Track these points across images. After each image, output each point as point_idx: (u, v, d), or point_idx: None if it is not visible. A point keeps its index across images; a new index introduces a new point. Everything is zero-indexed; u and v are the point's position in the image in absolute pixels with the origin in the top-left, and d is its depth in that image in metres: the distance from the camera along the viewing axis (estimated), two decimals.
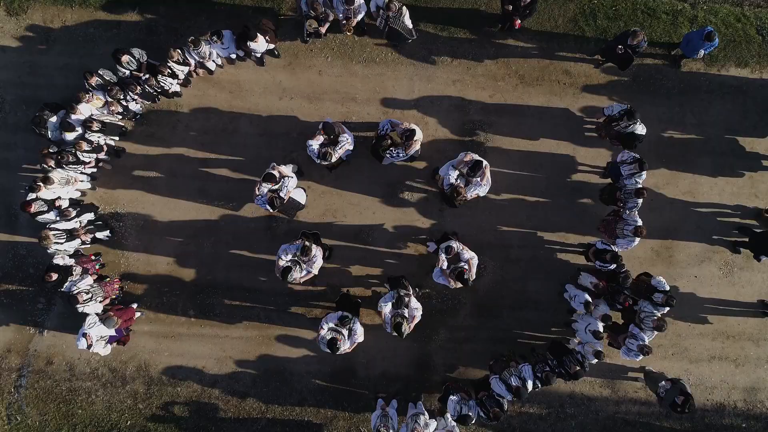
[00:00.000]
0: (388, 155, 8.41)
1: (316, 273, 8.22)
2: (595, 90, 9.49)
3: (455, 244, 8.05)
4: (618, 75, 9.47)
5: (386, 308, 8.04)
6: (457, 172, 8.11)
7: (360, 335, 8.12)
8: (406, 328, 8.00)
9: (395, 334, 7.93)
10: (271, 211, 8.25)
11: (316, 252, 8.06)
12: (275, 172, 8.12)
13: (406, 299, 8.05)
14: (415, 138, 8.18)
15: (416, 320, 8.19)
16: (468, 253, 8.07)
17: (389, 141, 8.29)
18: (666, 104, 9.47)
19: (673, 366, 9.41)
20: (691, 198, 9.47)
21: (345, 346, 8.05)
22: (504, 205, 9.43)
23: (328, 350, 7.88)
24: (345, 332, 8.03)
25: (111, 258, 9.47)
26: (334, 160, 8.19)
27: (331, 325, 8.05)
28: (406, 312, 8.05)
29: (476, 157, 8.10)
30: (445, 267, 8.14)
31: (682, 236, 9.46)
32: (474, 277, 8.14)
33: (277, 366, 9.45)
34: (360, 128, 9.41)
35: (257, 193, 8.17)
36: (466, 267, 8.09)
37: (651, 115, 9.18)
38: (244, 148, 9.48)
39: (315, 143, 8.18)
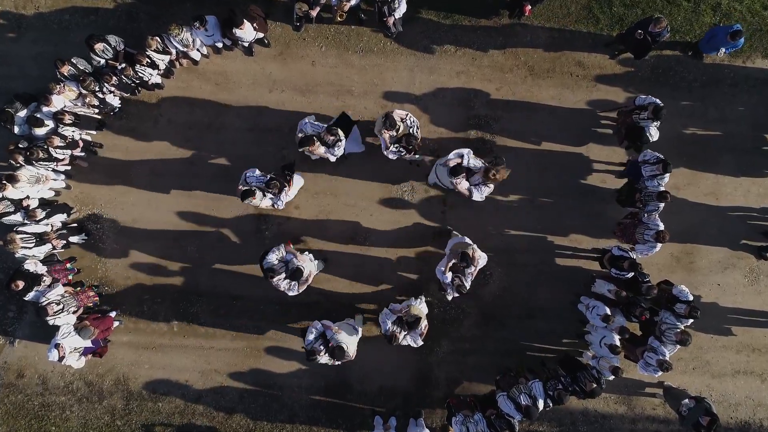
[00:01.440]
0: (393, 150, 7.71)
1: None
2: (610, 82, 8.80)
3: (469, 241, 7.39)
4: (635, 66, 8.78)
5: (389, 321, 7.45)
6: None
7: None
8: (409, 340, 7.40)
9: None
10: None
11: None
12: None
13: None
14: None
15: (424, 330, 7.52)
16: (478, 253, 7.36)
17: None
18: (687, 98, 8.78)
19: (694, 381, 8.73)
20: (714, 200, 8.79)
21: (324, 360, 7.46)
22: (511, 206, 8.74)
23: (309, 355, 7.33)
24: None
25: (87, 263, 8.78)
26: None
27: (319, 329, 7.43)
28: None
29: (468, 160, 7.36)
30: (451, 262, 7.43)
31: (704, 241, 8.78)
32: (469, 284, 7.40)
33: (266, 380, 8.79)
34: (357, 123, 8.71)
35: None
36: (470, 271, 7.38)
37: (671, 109, 8.43)
38: (232, 145, 8.80)
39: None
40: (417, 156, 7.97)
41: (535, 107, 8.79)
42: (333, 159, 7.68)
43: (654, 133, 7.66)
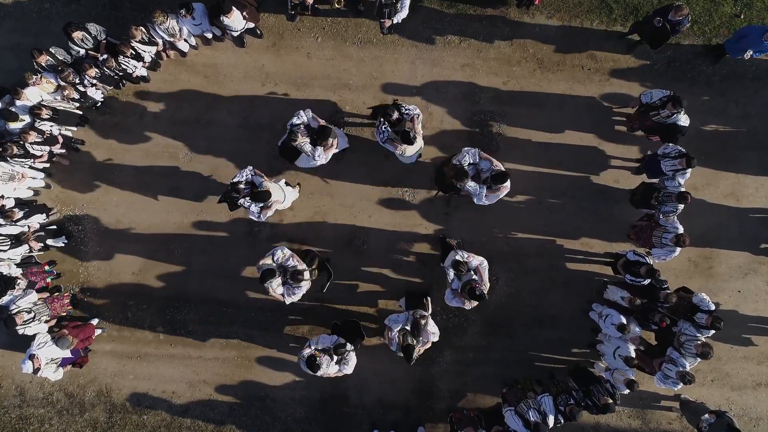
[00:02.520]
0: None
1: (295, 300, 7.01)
2: (624, 76, 8.28)
3: (461, 256, 6.82)
4: (650, 59, 8.27)
5: (395, 328, 6.83)
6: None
7: (350, 367, 6.93)
8: (417, 353, 6.80)
9: (402, 355, 6.73)
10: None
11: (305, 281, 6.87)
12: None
13: (423, 323, 6.83)
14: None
15: (428, 345, 7.00)
16: (476, 260, 6.83)
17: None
18: (706, 93, 8.27)
19: (712, 394, 8.22)
20: (734, 201, 8.27)
21: (329, 370, 6.85)
22: (519, 207, 8.22)
23: (308, 370, 6.71)
24: (334, 358, 6.84)
25: (68, 267, 8.27)
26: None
27: (321, 347, 6.86)
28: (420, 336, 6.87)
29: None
30: (456, 287, 6.92)
31: (724, 245, 8.27)
32: (488, 286, 6.88)
33: (257, 391, 8.28)
34: (355, 120, 8.23)
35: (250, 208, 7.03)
36: (477, 279, 6.86)
37: (688, 105, 7.88)
38: (222, 141, 8.29)
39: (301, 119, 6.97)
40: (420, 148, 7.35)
41: (544, 102, 8.27)
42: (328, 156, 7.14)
43: (685, 120, 7.11)
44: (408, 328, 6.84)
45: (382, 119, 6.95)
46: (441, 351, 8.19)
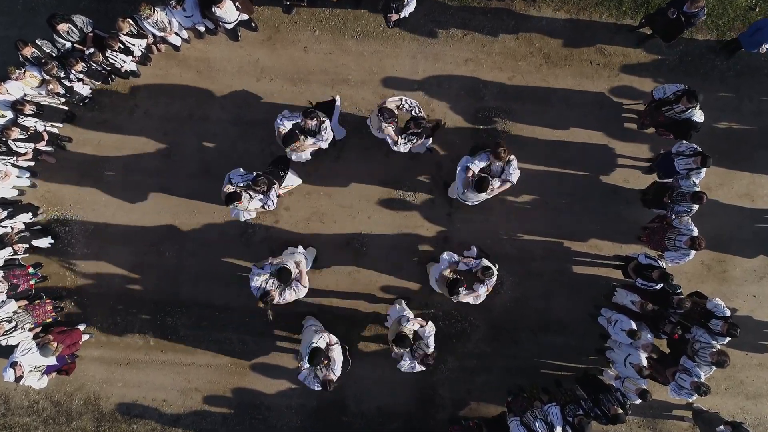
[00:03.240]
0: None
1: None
2: (634, 71, 7.95)
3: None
4: (662, 54, 7.94)
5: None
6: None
7: (338, 367, 6.57)
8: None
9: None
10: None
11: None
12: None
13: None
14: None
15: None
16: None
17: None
18: (719, 89, 7.94)
19: (726, 403, 7.89)
20: (749, 201, 7.94)
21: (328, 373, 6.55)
22: (525, 208, 7.89)
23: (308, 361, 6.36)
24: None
25: (54, 270, 7.94)
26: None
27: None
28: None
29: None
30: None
31: (738, 248, 7.94)
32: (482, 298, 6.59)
33: (252, 400, 7.95)
34: (353, 116, 7.90)
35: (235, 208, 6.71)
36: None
37: (701, 101, 7.61)
38: (215, 139, 7.96)
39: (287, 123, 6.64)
40: (430, 141, 7.06)
41: (550, 98, 7.94)
42: (325, 146, 6.81)
43: (700, 116, 6.78)
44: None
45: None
46: (443, 357, 7.85)
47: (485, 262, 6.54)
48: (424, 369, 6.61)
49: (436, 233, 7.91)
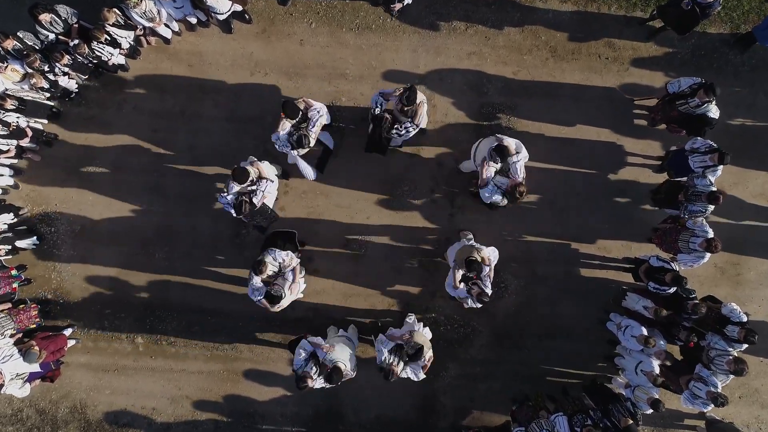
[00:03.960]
0: (395, 134, 6.53)
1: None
2: (644, 65, 7.62)
3: (475, 252, 6.21)
4: (674, 47, 7.60)
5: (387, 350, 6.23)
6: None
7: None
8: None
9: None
10: (234, 215, 6.42)
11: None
12: (252, 169, 6.28)
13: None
14: (418, 100, 6.24)
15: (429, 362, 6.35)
16: (484, 251, 6.25)
17: (388, 118, 6.36)
18: (733, 84, 7.60)
19: (740, 412, 7.56)
20: (765, 201, 7.63)
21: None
22: (530, 208, 7.56)
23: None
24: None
25: (39, 272, 7.62)
26: (312, 143, 6.39)
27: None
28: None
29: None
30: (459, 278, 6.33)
31: (753, 250, 7.61)
32: (489, 287, 6.28)
33: (245, 407, 7.64)
34: (351, 112, 7.57)
35: (224, 191, 6.37)
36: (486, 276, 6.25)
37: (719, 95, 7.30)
38: (207, 136, 7.64)
39: (281, 131, 6.31)
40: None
41: (557, 94, 7.61)
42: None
43: (715, 111, 6.46)
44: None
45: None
46: (445, 364, 7.54)
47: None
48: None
49: (437, 234, 7.58)
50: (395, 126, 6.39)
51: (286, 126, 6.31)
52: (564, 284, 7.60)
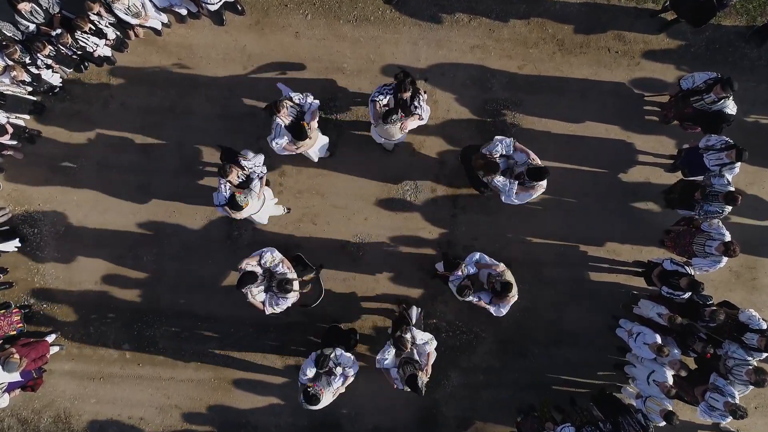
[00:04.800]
0: (417, 111, 6.09)
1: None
2: (656, 59, 7.29)
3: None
4: (686, 40, 7.27)
5: (388, 361, 5.87)
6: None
7: (351, 366, 5.91)
8: (424, 378, 5.80)
9: (409, 389, 5.71)
10: (232, 214, 6.06)
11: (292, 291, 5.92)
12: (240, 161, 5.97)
13: (407, 336, 5.83)
14: (409, 79, 5.88)
15: (431, 358, 5.99)
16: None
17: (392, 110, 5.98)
18: (749, 79, 7.25)
19: (756, 423, 7.26)
20: None
21: (327, 399, 5.85)
22: (536, 209, 7.22)
23: (306, 404, 5.71)
24: (324, 379, 5.85)
25: (21, 275, 7.28)
26: (313, 134, 6.08)
27: (310, 375, 5.84)
28: (415, 354, 5.86)
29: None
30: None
31: None
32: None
33: (237, 418, 7.31)
34: (349, 108, 7.25)
35: (220, 191, 6.05)
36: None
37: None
38: (198, 133, 7.30)
39: (281, 136, 6.00)
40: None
41: (564, 89, 7.27)
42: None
43: (732, 108, 6.13)
44: (404, 356, 5.83)
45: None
46: (446, 373, 7.20)
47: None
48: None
49: (438, 236, 7.24)
50: (413, 102, 5.96)
51: (281, 127, 5.96)
52: (571, 288, 7.26)
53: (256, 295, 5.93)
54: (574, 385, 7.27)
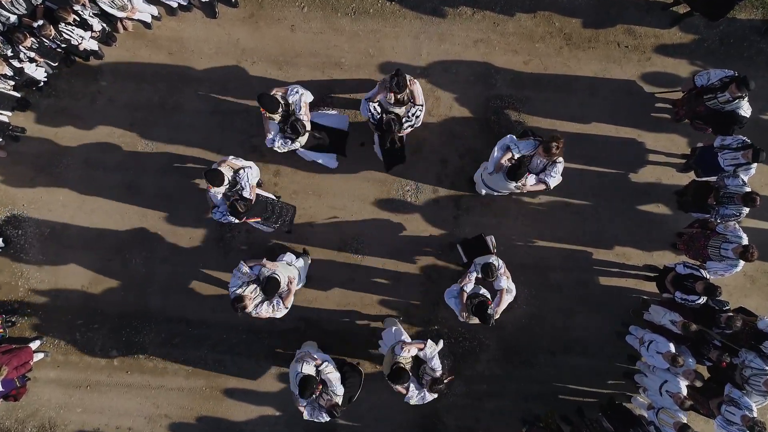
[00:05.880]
0: (407, 128, 5.89)
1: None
2: (668, 55, 6.97)
3: (497, 262, 5.61)
4: (699, 35, 6.96)
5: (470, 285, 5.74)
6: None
7: (337, 387, 5.63)
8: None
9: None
10: (237, 221, 5.77)
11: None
12: (223, 168, 5.63)
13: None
14: (408, 80, 5.65)
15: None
16: (505, 281, 5.59)
17: (393, 118, 5.70)
18: (765, 75, 6.96)
19: None
20: None
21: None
22: (542, 211, 6.92)
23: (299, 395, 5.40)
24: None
25: (4, 278, 7.01)
26: (308, 125, 5.81)
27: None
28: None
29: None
30: (468, 289, 5.71)
31: None
32: (497, 316, 5.68)
33: (229, 428, 7.02)
34: (346, 104, 6.95)
35: (211, 203, 5.78)
36: (490, 300, 5.63)
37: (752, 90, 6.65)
38: (189, 130, 7.00)
39: (274, 134, 5.73)
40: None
41: (572, 86, 6.97)
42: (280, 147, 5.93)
43: (747, 109, 5.84)
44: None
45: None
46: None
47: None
48: (436, 396, 5.64)
49: (440, 238, 6.94)
50: (403, 119, 5.73)
51: (274, 125, 5.68)
52: (579, 294, 6.96)
53: (262, 307, 5.62)
54: (582, 394, 6.97)
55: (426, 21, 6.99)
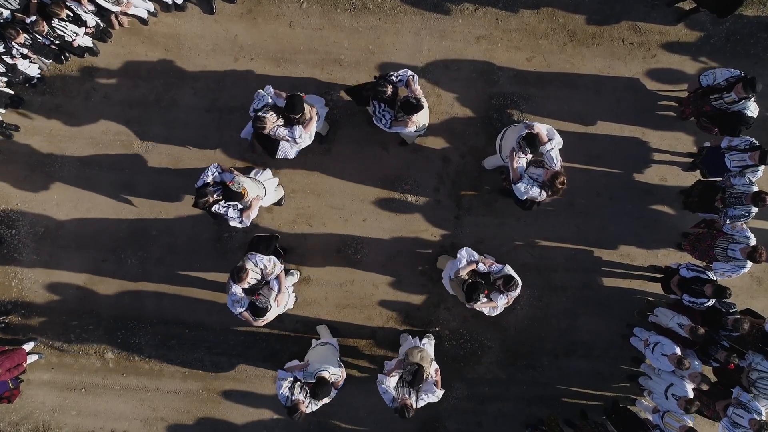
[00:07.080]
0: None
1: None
2: (674, 51, 6.85)
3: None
4: (705, 31, 6.84)
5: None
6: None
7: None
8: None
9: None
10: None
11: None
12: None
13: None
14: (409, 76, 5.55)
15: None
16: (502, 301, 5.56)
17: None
18: None
19: None
20: None
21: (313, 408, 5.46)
22: (545, 211, 6.79)
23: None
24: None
25: None
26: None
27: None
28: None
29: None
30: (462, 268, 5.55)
31: None
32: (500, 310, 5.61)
33: (227, 431, 6.88)
34: (346, 102, 6.81)
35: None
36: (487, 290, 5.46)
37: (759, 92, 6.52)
38: (186, 128, 6.87)
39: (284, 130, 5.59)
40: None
41: (576, 83, 6.84)
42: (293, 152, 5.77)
43: (754, 109, 5.72)
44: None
45: (375, 102, 5.58)
46: (450, 384, 6.75)
47: (509, 270, 5.46)
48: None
49: (441, 238, 6.81)
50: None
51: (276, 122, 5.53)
52: (583, 295, 6.84)
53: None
54: (585, 397, 6.86)
55: (427, 17, 6.86)
